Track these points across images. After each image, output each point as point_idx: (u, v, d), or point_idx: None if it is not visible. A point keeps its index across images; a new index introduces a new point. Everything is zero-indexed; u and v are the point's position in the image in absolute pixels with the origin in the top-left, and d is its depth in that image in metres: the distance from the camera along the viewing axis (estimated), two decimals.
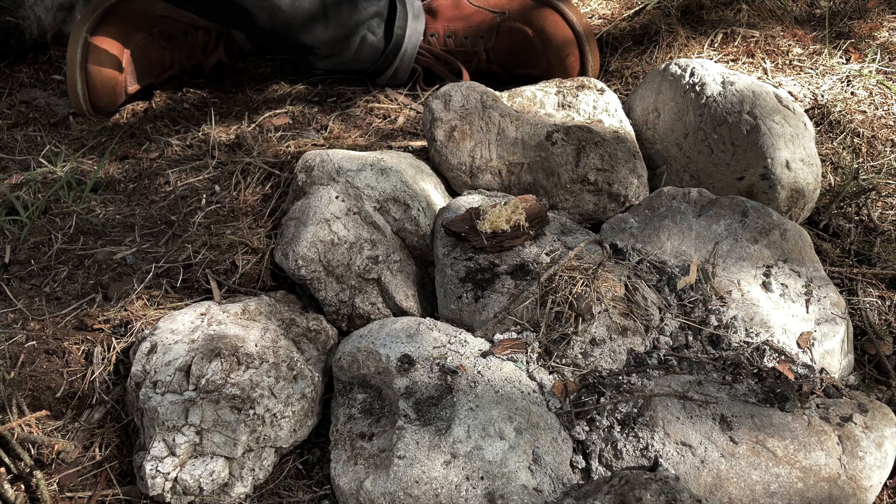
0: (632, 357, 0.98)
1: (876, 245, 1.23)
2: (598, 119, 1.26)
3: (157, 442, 0.91)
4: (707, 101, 1.23)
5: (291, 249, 1.10)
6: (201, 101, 1.71)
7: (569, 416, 0.92)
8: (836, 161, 1.38)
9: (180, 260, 1.20)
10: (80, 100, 1.58)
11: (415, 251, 1.16)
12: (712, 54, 1.66)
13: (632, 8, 1.87)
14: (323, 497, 0.94)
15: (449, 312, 1.07)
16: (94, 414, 1.02)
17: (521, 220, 1.07)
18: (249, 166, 1.40)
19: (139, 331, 1.08)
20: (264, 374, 0.96)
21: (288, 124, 1.57)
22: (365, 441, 0.93)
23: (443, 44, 1.62)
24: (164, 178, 1.45)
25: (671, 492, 0.80)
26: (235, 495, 0.93)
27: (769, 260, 1.07)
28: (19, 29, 1.81)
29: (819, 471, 0.87)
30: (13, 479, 0.94)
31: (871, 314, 1.13)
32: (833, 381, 0.96)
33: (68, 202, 1.36)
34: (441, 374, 0.93)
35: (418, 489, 0.85)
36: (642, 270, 1.06)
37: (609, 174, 1.20)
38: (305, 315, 1.09)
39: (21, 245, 1.27)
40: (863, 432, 0.89)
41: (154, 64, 1.64)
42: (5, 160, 1.50)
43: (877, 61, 1.61)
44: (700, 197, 1.15)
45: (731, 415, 0.90)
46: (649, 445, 0.88)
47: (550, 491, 0.87)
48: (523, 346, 0.98)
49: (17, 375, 1.02)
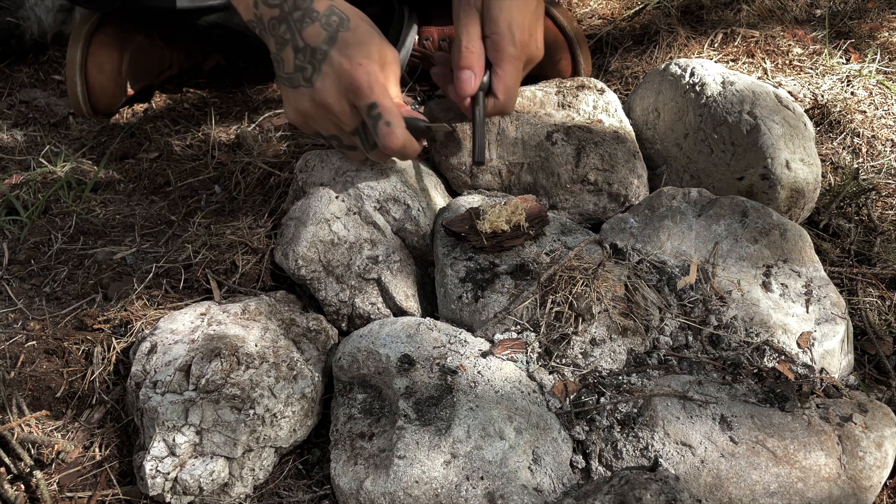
0: (632, 357, 0.98)
1: (876, 245, 1.23)
2: (598, 119, 1.26)
3: (157, 442, 0.91)
4: (707, 101, 1.23)
5: (291, 249, 1.10)
6: (201, 101, 1.71)
7: (569, 416, 0.92)
8: (836, 161, 1.38)
9: (180, 260, 1.20)
10: (79, 101, 1.58)
11: (415, 251, 1.16)
12: (712, 54, 1.66)
13: (632, 8, 1.87)
14: (323, 497, 0.94)
15: (449, 312, 1.07)
16: (94, 414, 1.02)
17: (521, 220, 1.07)
18: (249, 166, 1.40)
19: (139, 331, 1.08)
20: (264, 374, 0.96)
21: (288, 124, 1.57)
22: (365, 441, 0.93)
23: (438, 48, 1.62)
24: (164, 178, 1.45)
25: (671, 492, 0.80)
26: (235, 495, 0.93)
27: (769, 260, 1.07)
28: (19, 29, 1.81)
29: (819, 471, 0.87)
30: (13, 479, 0.94)
31: (871, 314, 1.13)
32: (833, 381, 0.96)
33: (68, 202, 1.36)
34: (441, 374, 0.93)
35: (418, 489, 0.85)
36: (642, 270, 1.06)
37: (609, 174, 1.20)
38: (305, 315, 1.09)
39: (21, 245, 1.27)
40: (863, 432, 0.89)
41: (153, 65, 1.64)
42: (5, 160, 1.50)
43: (877, 61, 1.61)
44: (700, 197, 1.15)
45: (731, 415, 0.90)
46: (649, 445, 0.88)
47: (550, 491, 0.87)
48: (523, 346, 0.98)
49: (17, 375, 1.02)
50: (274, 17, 1.02)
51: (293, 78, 1.03)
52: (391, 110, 1.01)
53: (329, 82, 1.01)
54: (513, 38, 1.07)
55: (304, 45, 1.00)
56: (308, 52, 1.01)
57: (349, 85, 1.00)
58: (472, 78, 1.07)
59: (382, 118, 1.01)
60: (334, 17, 1.01)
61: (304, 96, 1.03)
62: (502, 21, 1.07)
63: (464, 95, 1.09)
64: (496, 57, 1.08)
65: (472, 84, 1.07)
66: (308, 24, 1.00)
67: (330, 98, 1.01)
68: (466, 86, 1.07)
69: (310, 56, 1.01)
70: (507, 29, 1.07)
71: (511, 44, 1.07)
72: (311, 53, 1.01)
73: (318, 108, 1.03)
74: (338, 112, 1.03)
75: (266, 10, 1.02)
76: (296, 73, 1.02)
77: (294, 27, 1.00)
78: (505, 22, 1.07)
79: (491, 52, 1.09)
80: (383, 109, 1.01)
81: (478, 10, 1.08)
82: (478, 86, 1.08)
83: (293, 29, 1.00)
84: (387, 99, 1.01)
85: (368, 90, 1.00)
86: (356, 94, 1.00)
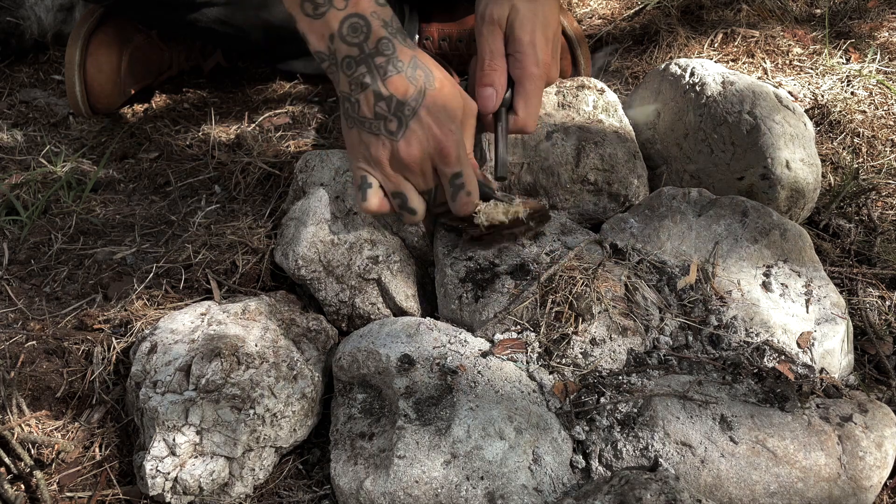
0: (632, 357, 0.98)
1: (876, 245, 1.23)
2: (597, 119, 1.26)
3: (157, 442, 0.91)
4: (707, 101, 1.23)
5: (291, 249, 1.10)
6: (201, 101, 1.71)
7: (569, 416, 0.92)
8: (836, 161, 1.38)
9: (180, 260, 1.20)
10: (78, 101, 1.58)
11: (415, 251, 1.16)
12: (712, 54, 1.66)
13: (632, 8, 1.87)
14: (323, 497, 0.94)
15: (449, 312, 1.07)
16: (94, 414, 1.02)
17: (519, 213, 1.06)
18: (249, 166, 1.40)
19: (139, 331, 1.08)
20: (264, 373, 0.96)
21: (288, 124, 1.57)
22: (365, 441, 0.93)
23: (437, 47, 1.63)
24: (164, 178, 1.45)
25: (671, 492, 0.80)
26: (235, 495, 0.93)
27: (769, 260, 1.07)
28: (19, 29, 1.81)
29: (819, 471, 0.87)
30: (13, 479, 0.94)
31: (871, 314, 1.13)
32: (833, 381, 0.96)
33: (68, 202, 1.36)
34: (441, 374, 0.93)
35: (418, 489, 0.85)
36: (642, 270, 1.06)
37: (609, 174, 1.20)
38: (305, 315, 1.09)
39: (21, 245, 1.27)
40: (863, 432, 0.89)
41: (153, 65, 1.64)
42: (5, 160, 1.50)
43: (877, 61, 1.61)
44: (700, 197, 1.15)
45: (731, 415, 0.90)
46: (649, 445, 0.88)
47: (550, 491, 0.87)
48: (523, 346, 0.98)
49: (17, 375, 1.02)
50: (351, 55, 0.97)
51: (372, 124, 0.98)
52: (472, 180, 1.01)
53: (415, 142, 0.97)
54: (537, 58, 1.06)
55: (389, 95, 0.96)
56: (393, 104, 0.96)
57: (437, 151, 0.98)
58: (494, 95, 1.06)
59: (465, 188, 1.00)
60: (420, 72, 0.97)
61: (384, 147, 0.99)
62: (527, 41, 1.06)
63: (485, 113, 1.08)
64: (519, 75, 1.07)
65: (493, 101, 1.06)
66: (392, 73, 0.96)
67: (414, 158, 0.98)
68: (488, 103, 1.06)
69: (395, 108, 0.97)
70: (531, 49, 1.06)
71: (535, 64, 1.07)
72: (398, 106, 0.97)
73: (398, 163, 1.00)
74: (418, 171, 1.00)
75: (343, 46, 0.97)
76: (377, 121, 0.97)
77: (376, 72, 0.96)
78: (529, 42, 1.06)
79: (514, 70, 1.07)
80: (467, 179, 1.00)
81: (501, 27, 1.07)
82: (499, 103, 1.07)
83: (374, 74, 0.96)
84: (469, 168, 1.00)
85: (455, 160, 0.98)
86: (443, 161, 0.98)
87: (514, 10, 1.06)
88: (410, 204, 1.02)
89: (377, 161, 1.00)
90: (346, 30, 0.96)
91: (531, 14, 1.06)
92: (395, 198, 1.02)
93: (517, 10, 1.06)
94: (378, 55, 0.96)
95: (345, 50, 0.97)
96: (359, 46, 0.96)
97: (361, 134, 1.00)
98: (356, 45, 0.96)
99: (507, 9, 1.06)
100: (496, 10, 1.07)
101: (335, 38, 0.97)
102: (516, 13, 1.06)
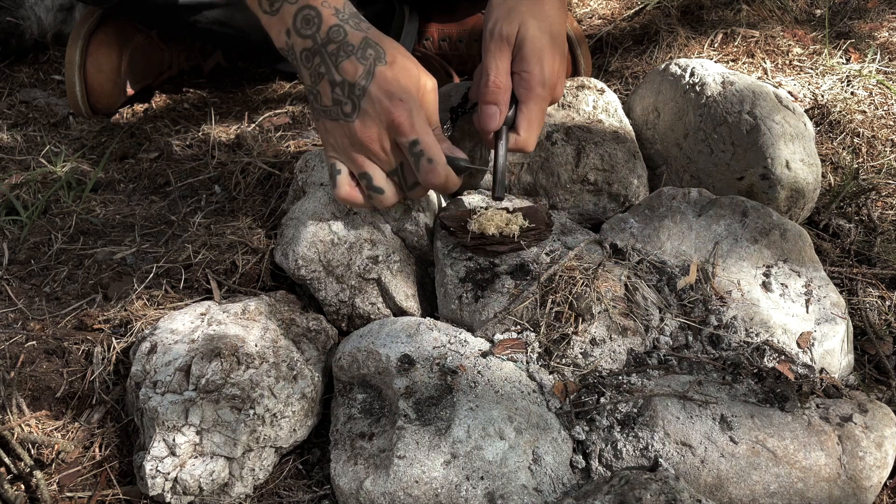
0: (632, 357, 0.98)
1: (876, 245, 1.23)
2: (597, 119, 1.26)
3: (157, 442, 0.91)
4: (707, 101, 1.23)
5: (291, 249, 1.10)
6: (201, 101, 1.71)
7: (569, 416, 0.92)
8: (836, 161, 1.38)
9: (180, 260, 1.20)
10: (78, 102, 1.58)
11: (415, 251, 1.16)
12: (712, 54, 1.66)
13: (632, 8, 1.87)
14: (323, 497, 0.94)
15: (449, 312, 1.07)
16: (94, 414, 1.02)
17: (513, 231, 1.06)
18: (249, 166, 1.40)
19: (139, 331, 1.08)
20: (264, 374, 0.96)
21: (288, 124, 1.57)
22: (365, 441, 0.93)
23: (437, 47, 1.63)
24: (164, 178, 1.45)
25: (671, 492, 0.80)
26: (235, 495, 0.93)
27: (769, 260, 1.07)
28: (19, 29, 1.81)
29: (819, 471, 0.87)
30: (13, 479, 0.94)
31: (871, 314, 1.13)
32: (833, 381, 0.96)
33: (68, 202, 1.36)
34: (441, 374, 0.93)
35: (418, 489, 0.85)
36: (642, 270, 1.06)
37: (609, 174, 1.20)
38: (305, 315, 1.09)
39: (21, 245, 1.27)
40: (863, 432, 0.89)
41: (153, 66, 1.64)
42: (5, 160, 1.50)
43: (877, 61, 1.61)
44: (700, 197, 1.15)
45: (731, 415, 0.90)
46: (649, 445, 0.88)
47: (550, 491, 0.87)
48: (523, 346, 0.98)
49: (17, 375, 1.02)
50: (307, 48, 0.99)
51: (331, 111, 1.00)
52: (433, 146, 0.99)
53: (369, 120, 0.98)
54: (543, 78, 1.06)
55: (342, 80, 0.97)
56: (346, 87, 0.98)
57: (390, 123, 0.98)
58: (497, 114, 1.05)
59: (425, 155, 0.99)
60: (370, 51, 0.98)
61: (344, 132, 1.00)
62: (534, 61, 1.05)
63: (487, 131, 1.07)
64: (524, 95, 1.06)
65: (496, 120, 1.05)
66: (343, 57, 0.97)
67: (371, 136, 0.99)
68: (491, 121, 1.05)
69: (348, 91, 0.98)
70: (538, 69, 1.05)
71: (541, 84, 1.06)
72: (350, 88, 0.98)
73: (357, 145, 1.01)
74: (378, 150, 1.00)
75: (298, 40, 0.99)
76: (334, 107, 0.99)
77: (329, 60, 0.97)
78: (537, 62, 1.05)
79: (519, 89, 1.06)
80: (425, 146, 0.99)
81: (510, 45, 1.06)
82: (502, 122, 1.06)
83: (328, 62, 0.98)
84: (428, 135, 1.00)
85: (410, 128, 0.98)
86: (397, 132, 0.98)
87: (524, 28, 1.06)
88: (376, 183, 1.03)
89: (342, 147, 1.02)
90: (300, 23, 0.98)
91: (540, 33, 1.06)
92: (361, 179, 1.03)
93: (527, 29, 1.05)
94: (330, 43, 0.98)
95: (300, 43, 0.99)
96: (312, 38, 0.98)
97: (326, 123, 1.02)
98: (310, 37, 0.98)
99: (517, 26, 1.06)
100: (506, 27, 1.06)
101: (291, 32, 0.99)
102: (526, 31, 1.05)
